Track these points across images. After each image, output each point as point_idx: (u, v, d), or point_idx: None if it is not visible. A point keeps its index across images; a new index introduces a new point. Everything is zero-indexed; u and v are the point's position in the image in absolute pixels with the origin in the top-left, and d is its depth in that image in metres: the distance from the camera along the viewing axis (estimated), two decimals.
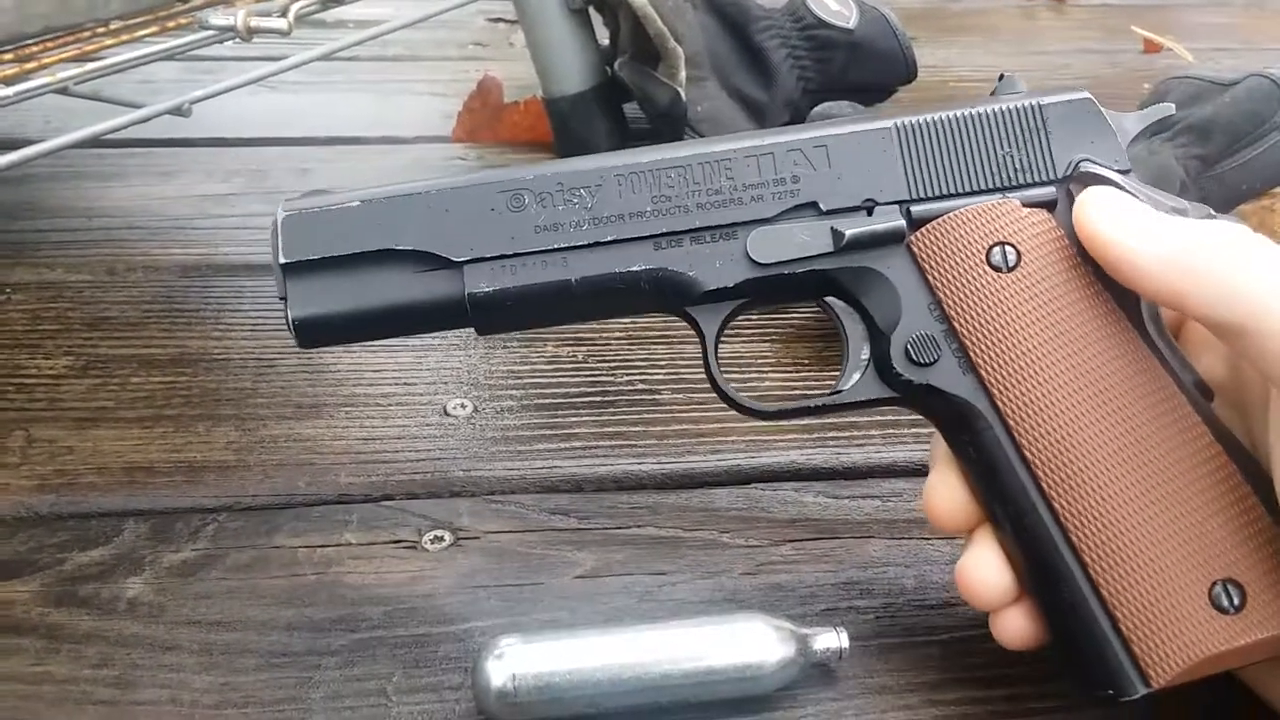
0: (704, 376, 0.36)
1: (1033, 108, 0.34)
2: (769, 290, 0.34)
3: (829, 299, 0.35)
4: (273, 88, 0.89)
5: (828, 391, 0.35)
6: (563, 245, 0.34)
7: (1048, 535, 0.30)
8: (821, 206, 0.34)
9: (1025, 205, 0.33)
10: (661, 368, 0.53)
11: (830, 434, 0.47)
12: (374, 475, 0.46)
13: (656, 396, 0.51)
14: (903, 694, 0.35)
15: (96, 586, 0.39)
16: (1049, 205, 0.33)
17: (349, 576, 0.40)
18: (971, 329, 0.32)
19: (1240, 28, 1.13)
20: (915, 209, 0.33)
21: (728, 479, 0.45)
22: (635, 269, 0.34)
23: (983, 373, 0.31)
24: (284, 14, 0.62)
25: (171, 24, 0.63)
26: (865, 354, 0.34)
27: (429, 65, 0.98)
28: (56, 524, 0.42)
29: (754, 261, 0.34)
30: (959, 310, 0.32)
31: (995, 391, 0.31)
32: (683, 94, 0.74)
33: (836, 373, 0.52)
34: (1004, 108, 0.34)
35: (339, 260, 0.35)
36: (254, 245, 0.64)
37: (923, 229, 0.33)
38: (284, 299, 0.35)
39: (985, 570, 0.32)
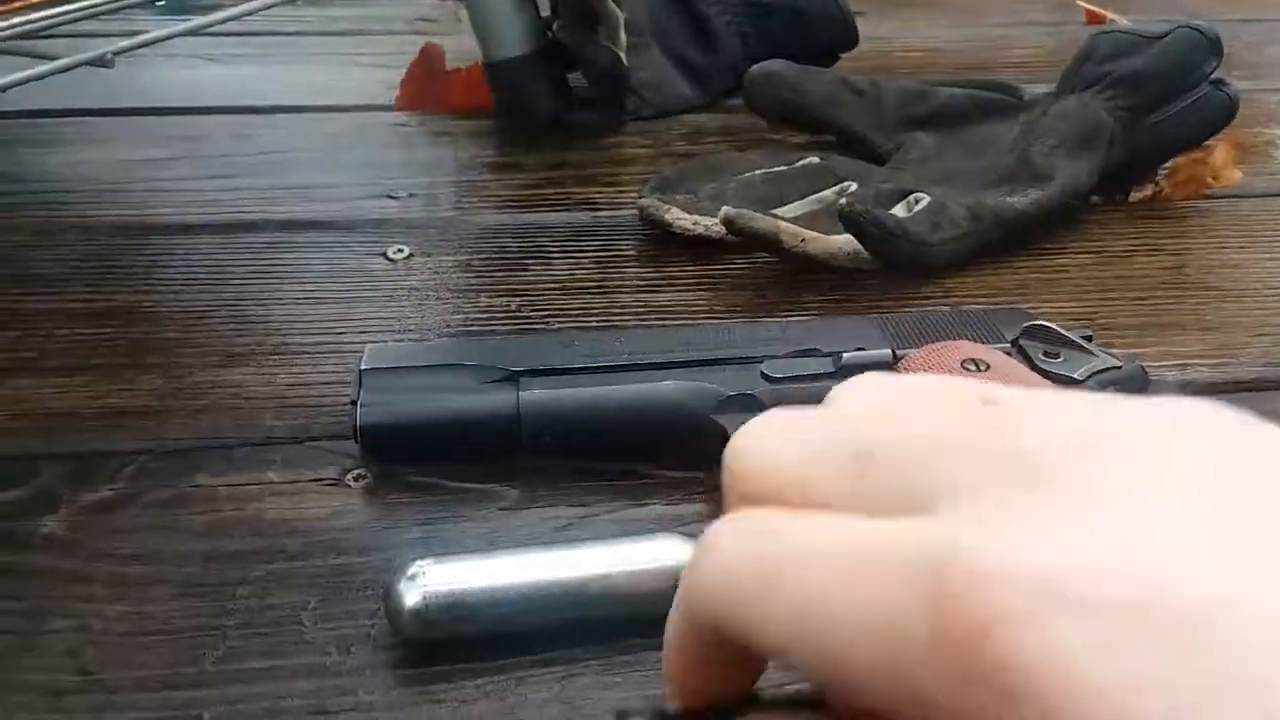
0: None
1: (985, 314, 0.46)
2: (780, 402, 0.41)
3: None
4: (213, 59, 0.89)
5: None
6: (604, 365, 0.42)
7: None
8: (823, 350, 0.43)
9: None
10: (595, 316, 0.53)
11: None
12: (301, 418, 0.45)
13: None
14: None
15: (10, 525, 0.39)
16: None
17: (269, 512, 0.40)
18: None
19: (1184, 1, 1.15)
20: (899, 351, 0.42)
21: None
22: (665, 384, 0.42)
23: None
24: None
25: None
26: None
27: (375, 39, 0.97)
28: None
29: (768, 376, 0.42)
30: None
31: None
32: (623, 56, 0.74)
33: (768, 317, 0.52)
34: (973, 312, 0.47)
35: (409, 370, 0.42)
36: (188, 206, 0.64)
37: (909, 355, 0.42)
38: (355, 402, 0.41)
39: None
